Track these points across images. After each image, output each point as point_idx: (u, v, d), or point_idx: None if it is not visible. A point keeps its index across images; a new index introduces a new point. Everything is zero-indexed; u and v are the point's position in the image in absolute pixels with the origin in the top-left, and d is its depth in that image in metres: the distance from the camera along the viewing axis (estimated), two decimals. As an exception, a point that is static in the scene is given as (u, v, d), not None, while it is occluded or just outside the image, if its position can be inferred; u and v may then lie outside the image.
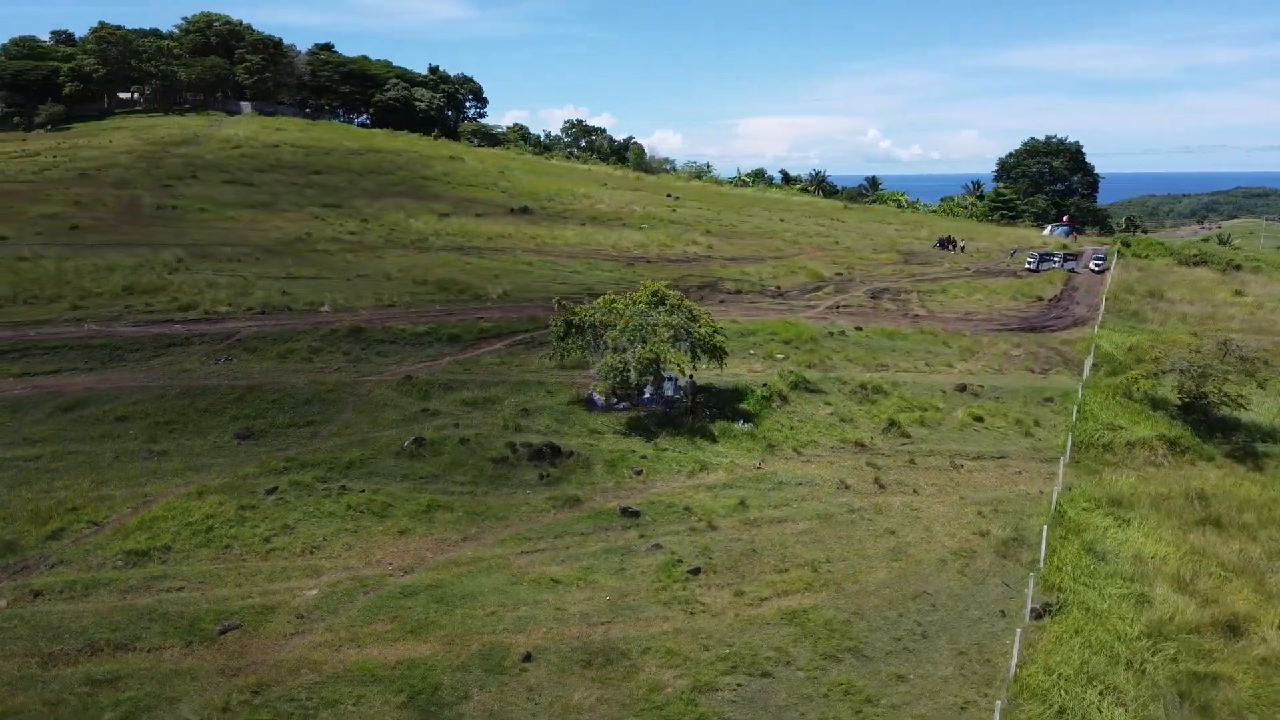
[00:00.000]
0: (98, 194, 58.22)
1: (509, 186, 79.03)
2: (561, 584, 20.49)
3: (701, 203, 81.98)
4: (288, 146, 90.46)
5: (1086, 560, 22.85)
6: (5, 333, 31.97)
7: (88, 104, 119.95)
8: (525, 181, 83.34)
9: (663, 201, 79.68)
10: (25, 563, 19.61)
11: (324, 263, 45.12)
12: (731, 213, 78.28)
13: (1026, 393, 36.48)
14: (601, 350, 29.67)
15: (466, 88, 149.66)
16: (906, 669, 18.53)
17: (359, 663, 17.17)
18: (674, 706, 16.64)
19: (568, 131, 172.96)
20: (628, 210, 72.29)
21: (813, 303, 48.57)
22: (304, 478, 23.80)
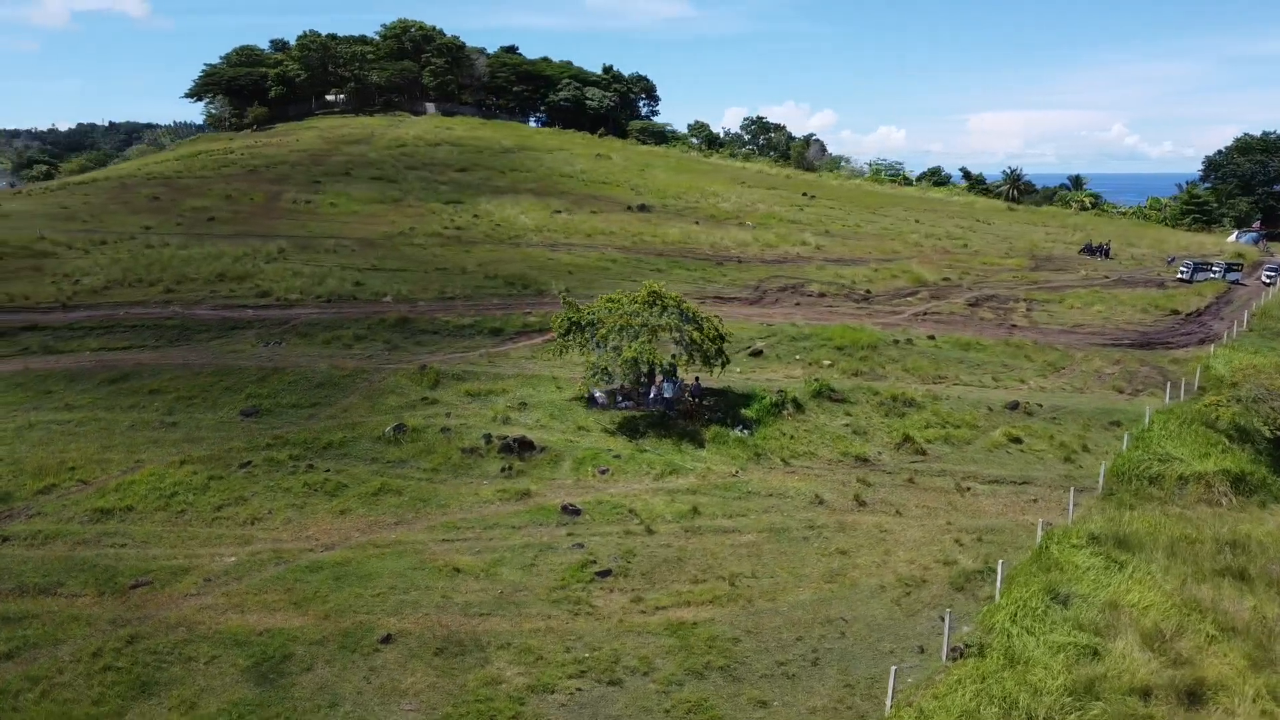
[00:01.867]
0: (252, 189, 64.48)
1: (641, 184, 79.97)
2: (462, 573, 20.96)
3: (838, 202, 79.43)
4: (447, 145, 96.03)
5: (1041, 602, 20.63)
6: (102, 311, 36.34)
7: (293, 105, 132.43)
8: (660, 179, 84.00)
9: (795, 200, 77.91)
10: (11, 511, 22.42)
11: (412, 256, 47.81)
12: (865, 213, 75.34)
13: (1093, 415, 33.14)
14: (601, 348, 29.78)
15: (639, 86, 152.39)
16: (774, 695, 17.65)
17: (233, 627, 18.43)
18: (498, 703, 16.74)
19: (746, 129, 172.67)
20: (750, 209, 71.32)
21: (899, 308, 46.16)
22: (279, 455, 25.60)
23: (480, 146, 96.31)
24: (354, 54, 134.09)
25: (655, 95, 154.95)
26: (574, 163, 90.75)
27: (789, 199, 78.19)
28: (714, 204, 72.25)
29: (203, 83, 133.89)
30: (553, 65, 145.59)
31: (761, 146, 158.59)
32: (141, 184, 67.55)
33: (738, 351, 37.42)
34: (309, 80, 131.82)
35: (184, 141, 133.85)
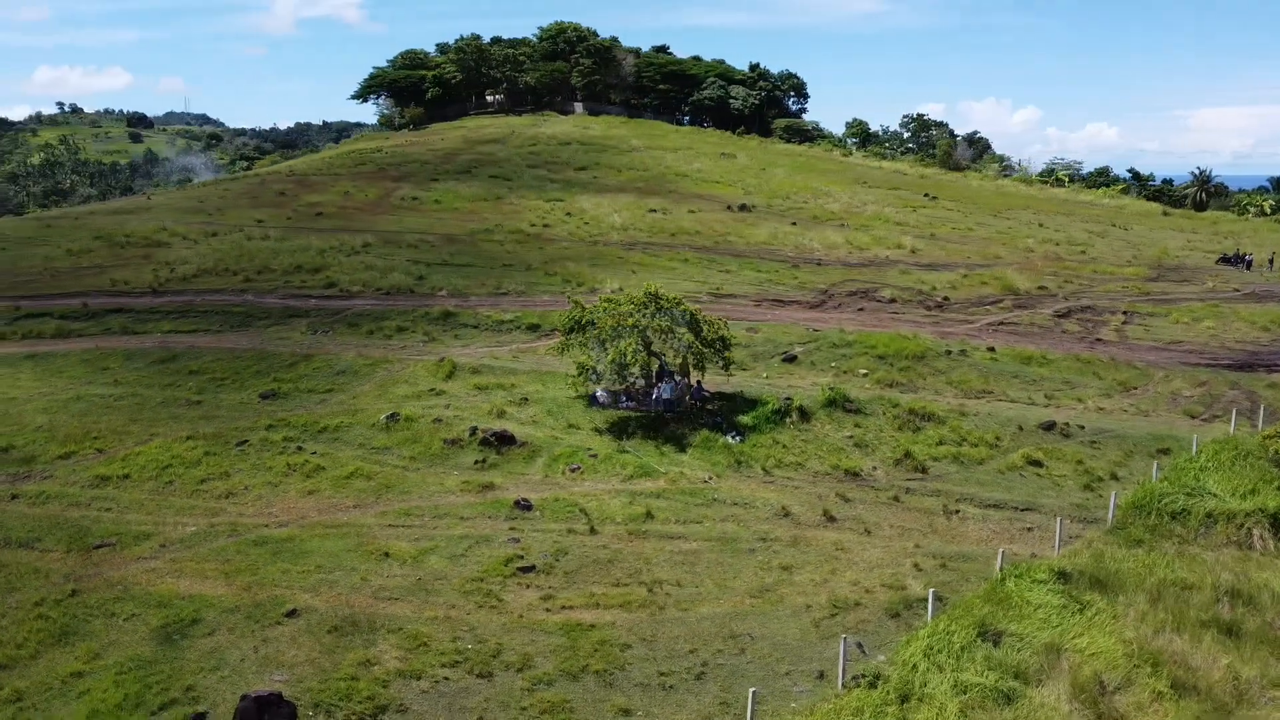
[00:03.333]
0: (370, 186, 68.58)
1: (754, 184, 79.01)
2: (390, 558, 21.84)
3: (961, 204, 75.42)
4: (576, 144, 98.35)
5: (967, 638, 19.20)
6: (183, 297, 39.93)
7: (449, 106, 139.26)
8: (777, 179, 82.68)
9: (914, 201, 74.65)
10: (29, 473, 25.23)
11: (485, 251, 49.53)
12: (986, 215, 71.18)
13: (1141, 440, 30.27)
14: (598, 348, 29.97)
15: (788, 84, 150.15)
16: (642, 705, 17.48)
17: (163, 590, 20.08)
18: (362, 683, 17.44)
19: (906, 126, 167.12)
20: (857, 210, 69.05)
21: (973, 317, 43.59)
22: (274, 436, 27.44)
23: (606, 145, 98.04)
24: (506, 56, 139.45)
25: (804, 93, 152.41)
26: (695, 162, 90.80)
27: (907, 200, 75.06)
28: (821, 205, 70.45)
29: (367, 85, 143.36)
30: (698, 64, 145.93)
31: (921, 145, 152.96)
32: (277, 180, 73.29)
33: (772, 356, 36.66)
34: (464, 82, 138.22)
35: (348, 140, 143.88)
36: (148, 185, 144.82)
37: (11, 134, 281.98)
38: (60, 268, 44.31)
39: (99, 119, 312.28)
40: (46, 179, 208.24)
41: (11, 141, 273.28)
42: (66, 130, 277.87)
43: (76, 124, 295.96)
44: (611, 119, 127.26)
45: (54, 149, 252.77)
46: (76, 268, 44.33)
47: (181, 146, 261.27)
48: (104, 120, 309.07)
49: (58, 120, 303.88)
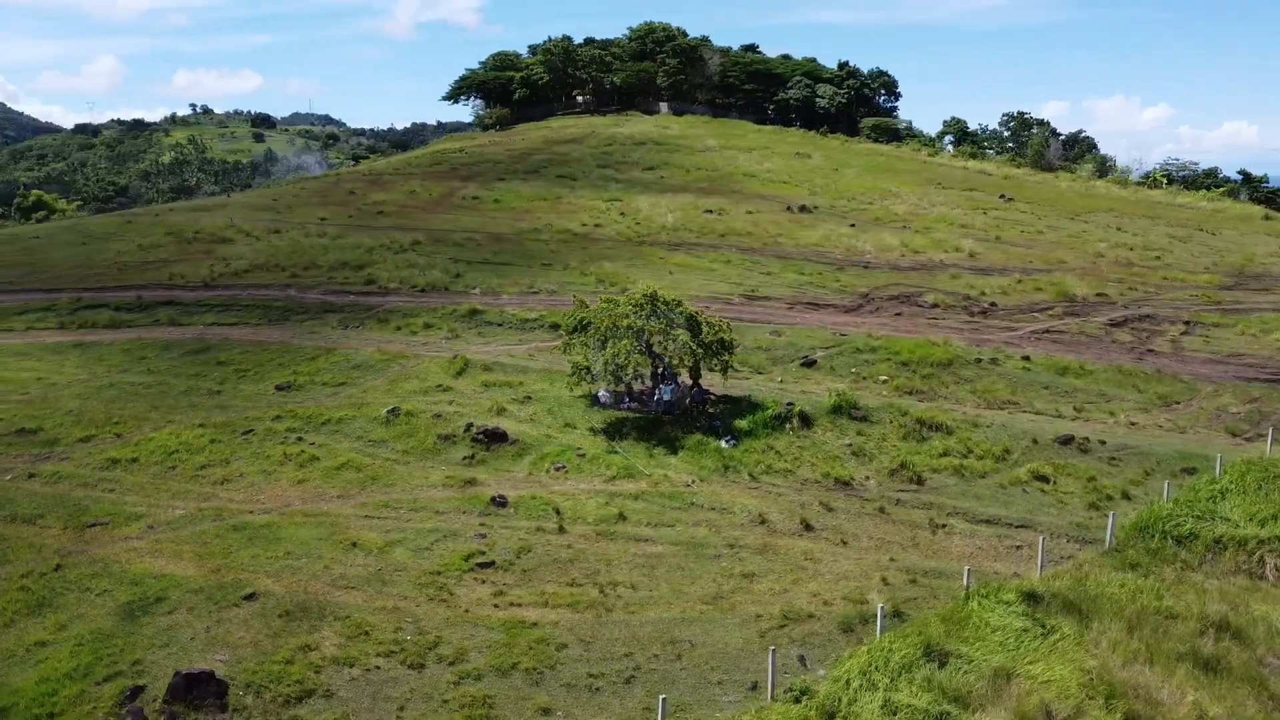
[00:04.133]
0: (436, 185, 70.37)
1: (822, 184, 77.63)
2: (357, 548, 22.49)
3: (1038, 206, 72.26)
4: (651, 144, 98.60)
5: (911, 657, 18.55)
6: (231, 291, 41.89)
7: (537, 107, 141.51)
8: (847, 179, 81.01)
9: (987, 203, 71.94)
10: (50, 454, 26.96)
11: (528, 251, 50.21)
12: (1062, 218, 68.01)
13: (1166, 458, 28.58)
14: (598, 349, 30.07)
15: (878, 82, 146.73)
16: (564, 706, 17.62)
17: (138, 568, 21.22)
18: (296, 666, 18.09)
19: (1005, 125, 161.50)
20: (923, 211, 67.04)
21: (1018, 324, 41.83)
22: (279, 426, 28.56)
23: (680, 145, 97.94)
24: (593, 57, 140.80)
25: (896, 91, 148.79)
26: (767, 161, 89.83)
27: (980, 202, 72.39)
28: (887, 206, 68.67)
29: (457, 86, 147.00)
30: (785, 63, 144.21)
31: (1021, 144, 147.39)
32: (352, 179, 75.99)
33: (792, 361, 36.07)
34: (551, 83, 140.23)
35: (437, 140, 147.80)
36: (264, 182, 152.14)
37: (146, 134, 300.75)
38: (128, 262, 47.15)
39: (226, 120, 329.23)
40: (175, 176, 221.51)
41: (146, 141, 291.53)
42: (196, 130, 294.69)
43: (207, 124, 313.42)
44: (694, 119, 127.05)
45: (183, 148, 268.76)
46: (143, 262, 47.07)
47: (300, 146, 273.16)
48: (231, 121, 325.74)
49: (189, 121, 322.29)
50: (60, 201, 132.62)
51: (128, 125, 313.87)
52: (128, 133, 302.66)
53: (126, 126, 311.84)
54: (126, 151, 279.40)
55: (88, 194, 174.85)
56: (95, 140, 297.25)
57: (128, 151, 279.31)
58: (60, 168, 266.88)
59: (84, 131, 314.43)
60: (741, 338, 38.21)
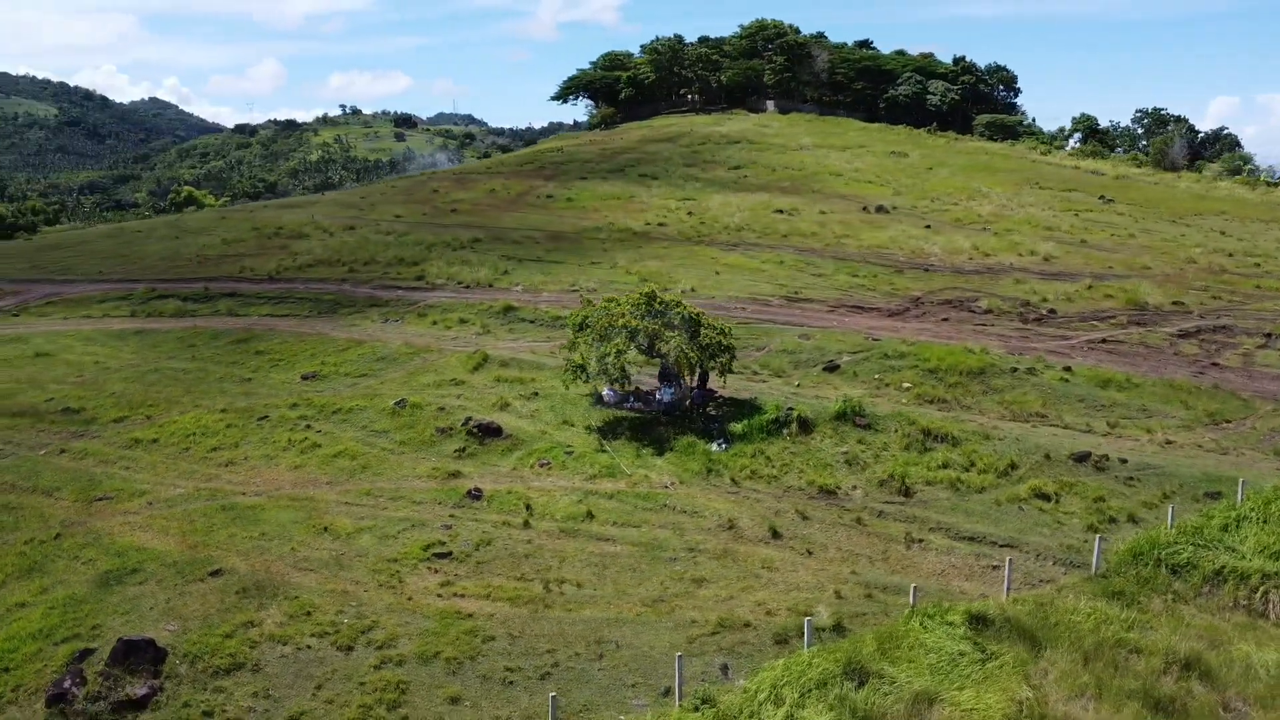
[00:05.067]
0: (516, 184, 72.01)
1: (909, 184, 75.19)
2: (328, 532, 23.53)
3: (1141, 208, 67.66)
4: (745, 142, 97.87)
5: (829, 674, 17.98)
6: (291, 284, 44.21)
7: (644, 106, 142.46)
8: (938, 179, 78.13)
9: (1081, 204, 67.98)
10: (85, 432, 29.26)
11: (582, 250, 50.81)
12: (1163, 221, 63.52)
13: (1191, 481, 26.56)
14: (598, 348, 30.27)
15: (995, 77, 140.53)
16: (474, 697, 18.09)
17: (126, 541, 22.86)
18: (235, 641, 19.18)
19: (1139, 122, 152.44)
20: (1009, 212, 63.96)
21: (1073, 333, 39.54)
22: (292, 414, 30.06)
23: (773, 144, 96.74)
24: (700, 55, 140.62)
25: (1015, 86, 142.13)
26: (858, 160, 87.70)
27: (1076, 203, 68.47)
28: (971, 207, 65.89)
29: (566, 87, 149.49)
30: (897, 59, 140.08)
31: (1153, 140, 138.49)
32: (439, 178, 78.61)
33: (815, 365, 35.30)
34: (657, 81, 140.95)
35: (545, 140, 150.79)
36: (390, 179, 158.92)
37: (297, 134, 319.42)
38: (209, 255, 50.44)
39: (371, 120, 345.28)
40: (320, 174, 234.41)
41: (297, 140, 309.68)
42: (343, 130, 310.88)
43: (354, 124, 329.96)
44: (798, 117, 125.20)
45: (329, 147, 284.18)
46: (222, 255, 50.25)
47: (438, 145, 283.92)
48: (375, 121, 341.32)
49: (337, 121, 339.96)
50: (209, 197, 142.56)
51: (281, 125, 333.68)
52: (281, 132, 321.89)
53: (280, 126, 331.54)
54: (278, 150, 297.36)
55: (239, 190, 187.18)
56: (252, 140, 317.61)
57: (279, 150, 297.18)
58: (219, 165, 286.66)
59: (242, 131, 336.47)
60: (768, 340, 37.74)
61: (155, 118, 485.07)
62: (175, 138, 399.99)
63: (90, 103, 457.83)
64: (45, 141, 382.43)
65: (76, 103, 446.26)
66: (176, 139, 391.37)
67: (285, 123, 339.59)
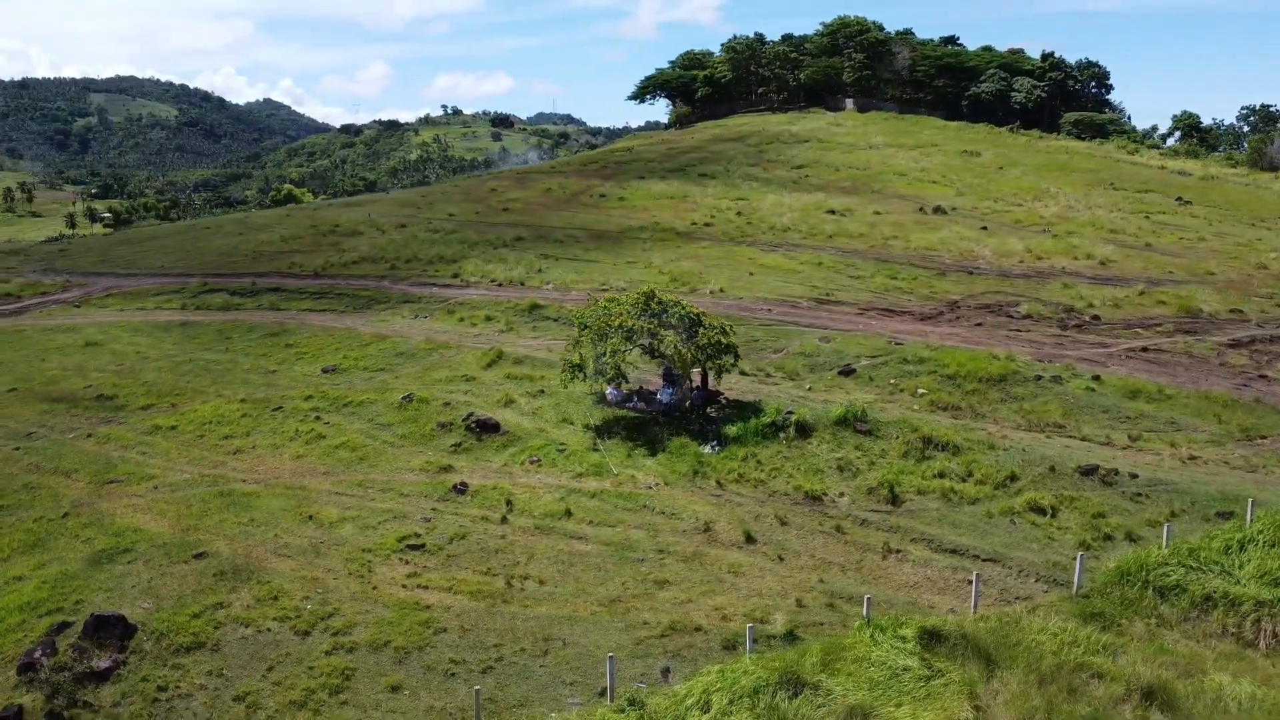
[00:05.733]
0: (573, 184, 72.70)
1: (973, 184, 72.88)
2: (312, 521, 24.35)
3: (1216, 210, 63.95)
4: (814, 141, 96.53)
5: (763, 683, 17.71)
6: (333, 280, 45.71)
7: (721, 105, 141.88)
8: (1005, 179, 75.54)
9: (1153, 205, 64.66)
10: (113, 418, 30.94)
11: (621, 250, 51.00)
12: (1240, 225, 59.90)
13: (1204, 499, 25.17)
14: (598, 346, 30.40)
15: (1086, 74, 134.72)
16: (414, 685, 18.60)
17: (124, 522, 24.13)
18: (201, 621, 20.14)
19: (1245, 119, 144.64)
20: (1074, 214, 61.34)
21: (1113, 340, 37.78)
22: (305, 405, 31.16)
23: (840, 143, 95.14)
24: (777, 54, 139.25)
25: (1107, 83, 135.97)
26: (926, 160, 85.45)
27: (1150, 204, 65.16)
28: (1034, 208, 63.48)
29: (643, 86, 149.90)
30: (981, 55, 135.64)
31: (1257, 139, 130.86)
32: (501, 177, 79.96)
33: (832, 368, 34.68)
34: (734, 80, 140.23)
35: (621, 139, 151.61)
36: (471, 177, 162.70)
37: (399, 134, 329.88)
38: (265, 251, 52.57)
39: (469, 120, 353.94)
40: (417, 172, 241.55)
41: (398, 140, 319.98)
42: (442, 130, 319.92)
43: (454, 124, 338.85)
44: (874, 115, 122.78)
45: (428, 147, 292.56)
46: (277, 252, 52.32)
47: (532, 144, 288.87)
48: (474, 121, 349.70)
49: (438, 121, 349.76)
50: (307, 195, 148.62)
51: (384, 125, 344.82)
52: (383, 132, 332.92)
53: (383, 126, 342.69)
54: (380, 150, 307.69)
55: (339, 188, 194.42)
56: (356, 140, 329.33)
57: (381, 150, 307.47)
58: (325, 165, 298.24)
59: (348, 131, 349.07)
60: (788, 342, 37.26)
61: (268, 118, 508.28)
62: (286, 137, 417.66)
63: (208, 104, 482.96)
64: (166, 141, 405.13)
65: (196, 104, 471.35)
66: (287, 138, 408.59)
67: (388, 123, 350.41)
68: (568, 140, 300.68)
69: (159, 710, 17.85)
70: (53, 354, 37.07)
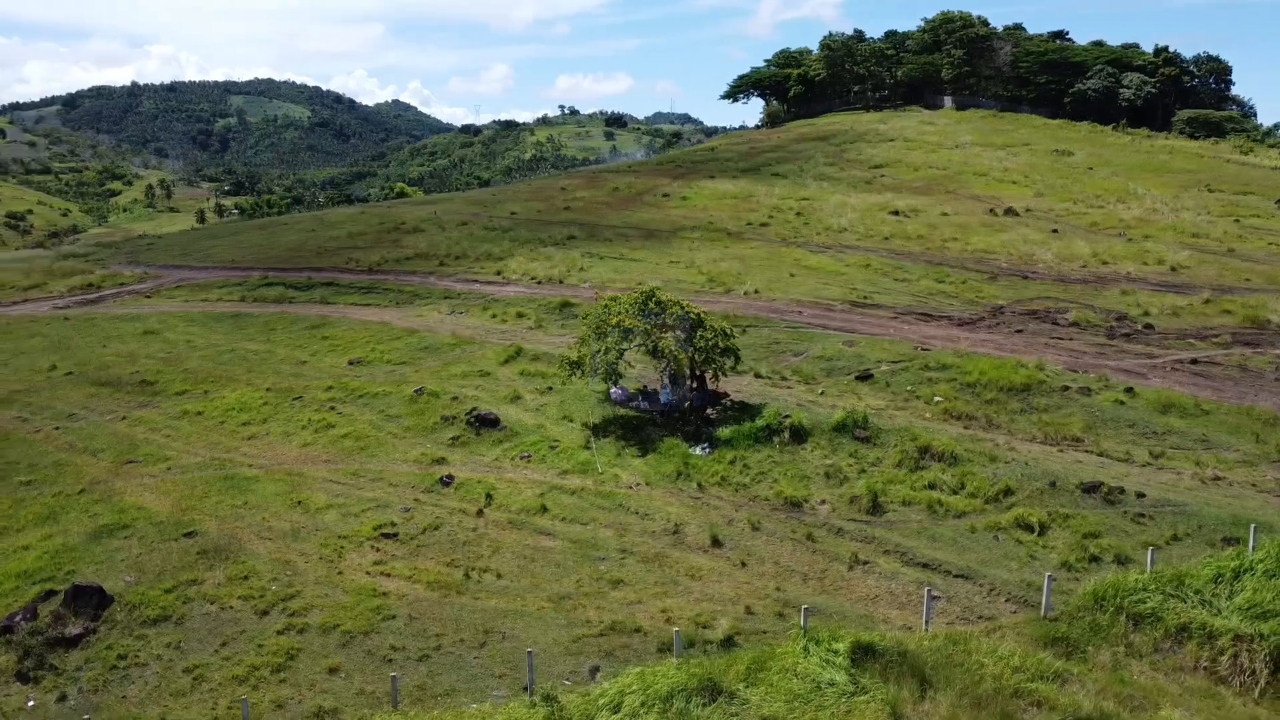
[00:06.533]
0: (641, 183, 73.02)
1: (1055, 185, 69.64)
2: (300, 506, 25.42)
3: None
4: (900, 140, 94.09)
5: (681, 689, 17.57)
6: (384, 276, 47.31)
7: (815, 103, 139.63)
8: (1091, 180, 71.85)
9: (1247, 209, 60.20)
10: (149, 403, 32.93)
11: (666, 249, 50.96)
12: (1351, 228, 55.27)
13: (1214, 523, 23.57)
14: (602, 345, 30.58)
15: (1204, 69, 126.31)
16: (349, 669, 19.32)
17: (130, 500, 25.73)
18: (173, 594, 21.40)
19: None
20: (1156, 218, 57.83)
21: (1163, 351, 35.56)
22: (324, 396, 32.45)
23: (926, 142, 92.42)
24: (873, 51, 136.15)
25: (1227, 79, 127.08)
26: (1011, 160, 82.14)
27: (1245, 207, 60.74)
28: (1115, 210, 60.16)
29: (736, 85, 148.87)
30: (1089, 50, 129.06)
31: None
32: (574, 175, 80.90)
33: (849, 373, 33.88)
34: (829, 78, 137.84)
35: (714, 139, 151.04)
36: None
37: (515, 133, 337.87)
38: (329, 247, 54.83)
39: (585, 120, 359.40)
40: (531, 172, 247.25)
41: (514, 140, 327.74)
42: (557, 130, 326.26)
43: (569, 124, 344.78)
44: (968, 114, 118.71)
45: (542, 146, 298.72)
46: (340, 247, 54.49)
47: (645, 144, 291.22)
48: (588, 121, 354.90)
49: (554, 121, 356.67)
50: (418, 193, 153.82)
51: (502, 125, 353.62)
52: (501, 132, 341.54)
53: (501, 126, 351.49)
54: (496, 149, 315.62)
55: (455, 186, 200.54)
56: (474, 139, 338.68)
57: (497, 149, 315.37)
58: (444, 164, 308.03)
59: (467, 131, 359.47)
60: (810, 345, 36.57)
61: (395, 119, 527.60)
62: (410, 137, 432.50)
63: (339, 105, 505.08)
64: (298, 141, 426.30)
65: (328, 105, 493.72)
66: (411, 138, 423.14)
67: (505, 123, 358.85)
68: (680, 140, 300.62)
69: (114, 677, 19.06)
70: (113, 341, 39.77)
